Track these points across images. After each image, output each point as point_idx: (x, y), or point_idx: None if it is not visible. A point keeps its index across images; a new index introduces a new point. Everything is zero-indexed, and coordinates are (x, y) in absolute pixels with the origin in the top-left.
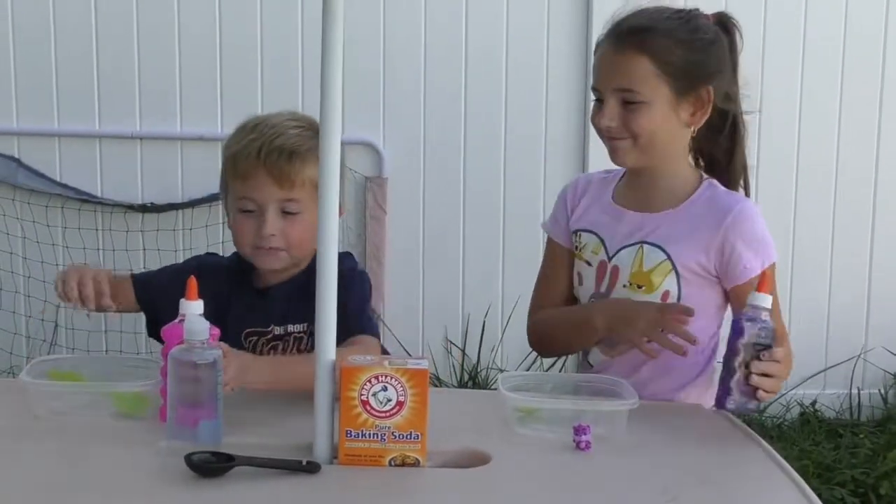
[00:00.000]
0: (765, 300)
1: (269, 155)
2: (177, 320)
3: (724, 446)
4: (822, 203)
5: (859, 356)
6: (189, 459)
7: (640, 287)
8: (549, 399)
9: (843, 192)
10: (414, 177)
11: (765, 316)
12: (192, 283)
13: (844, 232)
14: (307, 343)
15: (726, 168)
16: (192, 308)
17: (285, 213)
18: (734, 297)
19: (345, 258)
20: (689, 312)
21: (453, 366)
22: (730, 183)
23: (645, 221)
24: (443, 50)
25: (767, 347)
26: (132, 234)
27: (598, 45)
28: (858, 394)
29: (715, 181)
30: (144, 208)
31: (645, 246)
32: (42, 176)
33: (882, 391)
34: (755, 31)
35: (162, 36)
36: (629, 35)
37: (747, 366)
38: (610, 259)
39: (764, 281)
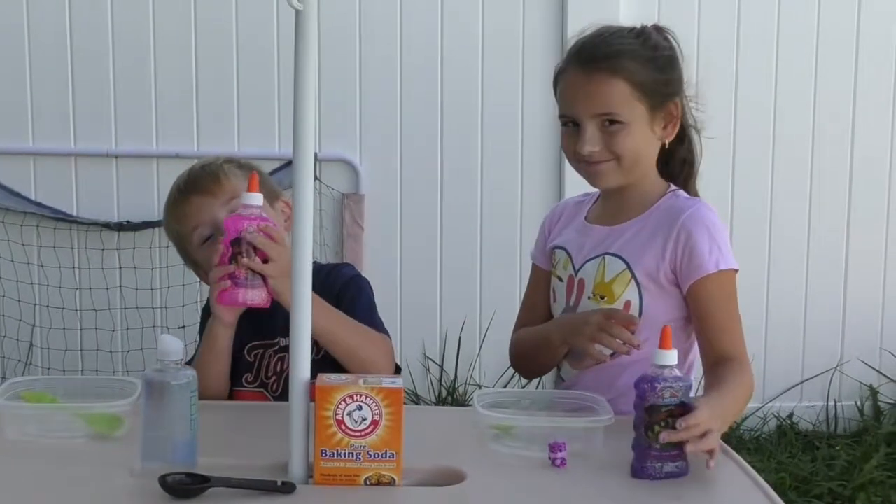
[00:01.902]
0: (667, 357)
1: (188, 184)
2: (237, 212)
3: (699, 461)
4: (799, 217)
5: (836, 369)
6: (163, 481)
7: (602, 298)
8: (525, 416)
9: (820, 205)
10: (391, 193)
11: (668, 373)
12: (254, 177)
13: (820, 245)
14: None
15: (688, 174)
16: (252, 199)
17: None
18: (690, 300)
19: (344, 268)
20: (632, 321)
21: (431, 382)
22: (687, 189)
23: (611, 234)
24: (419, 66)
25: (681, 406)
26: (108, 252)
27: (561, 72)
28: (835, 406)
29: (681, 191)
30: (120, 226)
31: (607, 257)
32: (17, 195)
33: (858, 403)
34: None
35: (137, 53)
36: (600, 61)
37: (653, 430)
38: (576, 273)
39: (666, 336)
